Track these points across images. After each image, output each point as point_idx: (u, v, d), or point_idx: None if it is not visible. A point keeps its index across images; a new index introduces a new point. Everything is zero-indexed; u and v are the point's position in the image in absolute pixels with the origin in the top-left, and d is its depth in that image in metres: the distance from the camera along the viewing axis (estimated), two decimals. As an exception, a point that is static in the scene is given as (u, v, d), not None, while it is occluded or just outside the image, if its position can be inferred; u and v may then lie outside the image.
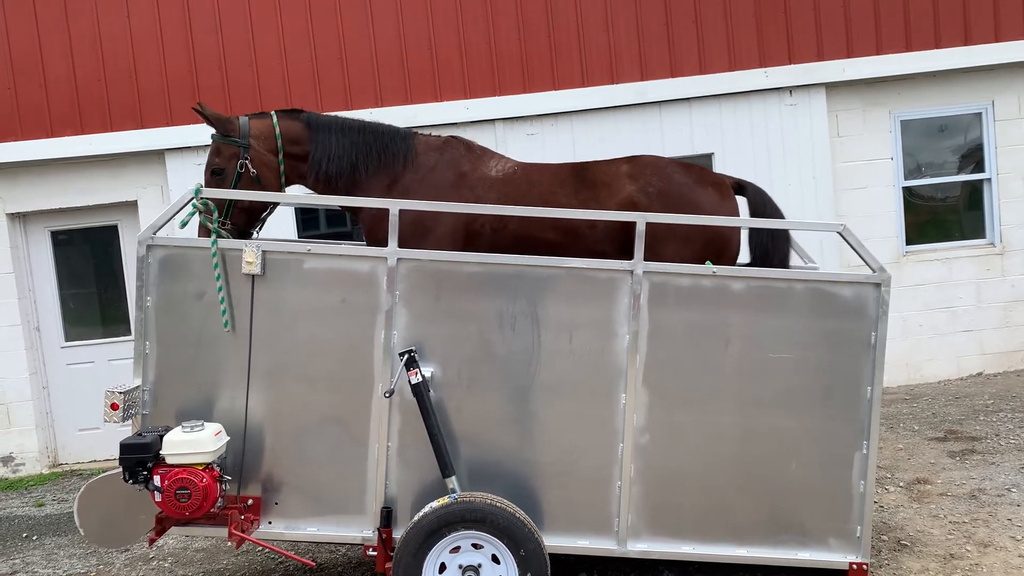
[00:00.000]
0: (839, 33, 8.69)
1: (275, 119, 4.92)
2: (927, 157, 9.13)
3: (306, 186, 5.14)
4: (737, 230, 5.01)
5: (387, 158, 4.99)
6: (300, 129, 4.96)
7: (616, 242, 4.83)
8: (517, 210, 4.56)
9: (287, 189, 5.09)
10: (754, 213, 5.13)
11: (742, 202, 5.19)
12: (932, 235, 9.18)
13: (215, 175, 4.81)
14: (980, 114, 8.99)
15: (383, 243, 4.43)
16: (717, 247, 4.84)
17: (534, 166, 5.17)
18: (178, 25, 8.53)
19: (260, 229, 5.02)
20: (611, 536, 4.34)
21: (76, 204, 8.68)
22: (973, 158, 9.13)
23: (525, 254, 4.54)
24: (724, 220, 4.83)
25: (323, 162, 4.93)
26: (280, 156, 4.88)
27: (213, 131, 4.84)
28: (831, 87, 8.73)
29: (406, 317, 4.33)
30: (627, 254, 4.68)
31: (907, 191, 9.06)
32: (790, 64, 8.65)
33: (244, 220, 4.84)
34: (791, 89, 8.66)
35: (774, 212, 5.14)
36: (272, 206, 5.01)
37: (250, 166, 4.78)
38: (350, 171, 4.96)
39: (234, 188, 4.77)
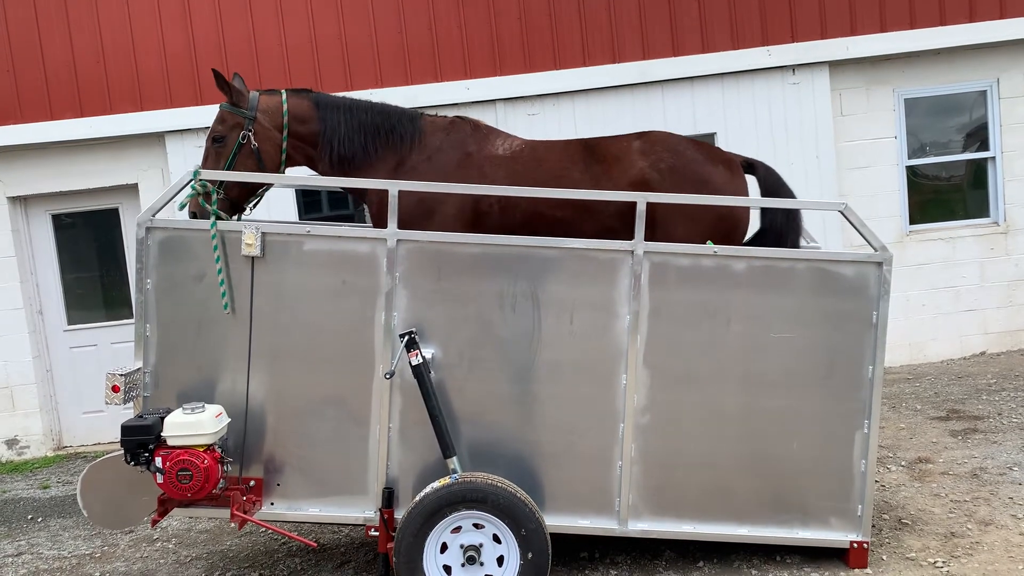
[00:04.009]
0: (842, 10, 8.60)
1: (284, 97, 4.88)
2: (931, 136, 9.07)
3: (315, 170, 5.08)
4: (747, 210, 4.97)
5: (395, 139, 4.95)
6: (308, 108, 4.90)
7: (627, 217, 4.75)
8: (517, 190, 4.53)
9: (288, 171, 5.05)
10: (766, 193, 5.09)
11: (752, 181, 5.15)
12: (936, 214, 9.13)
13: (216, 143, 4.76)
14: (985, 92, 8.92)
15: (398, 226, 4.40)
16: (727, 226, 4.80)
17: (541, 143, 5.10)
18: (177, 6, 8.48)
19: (256, 204, 4.96)
20: (612, 516, 4.36)
21: (77, 187, 8.67)
22: (978, 136, 9.06)
23: (536, 233, 4.52)
24: (730, 199, 4.80)
25: (334, 142, 4.87)
26: (284, 134, 4.84)
27: (224, 102, 4.81)
28: (834, 65, 8.66)
29: (406, 298, 4.32)
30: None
31: (911, 170, 9.01)
32: (793, 42, 8.58)
33: (237, 192, 4.75)
34: (794, 67, 8.60)
35: (788, 193, 5.09)
36: (267, 185, 4.96)
37: (252, 139, 4.73)
38: (362, 153, 4.91)
39: (233, 159, 4.73)
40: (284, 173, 4.99)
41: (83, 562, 5.52)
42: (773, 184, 5.09)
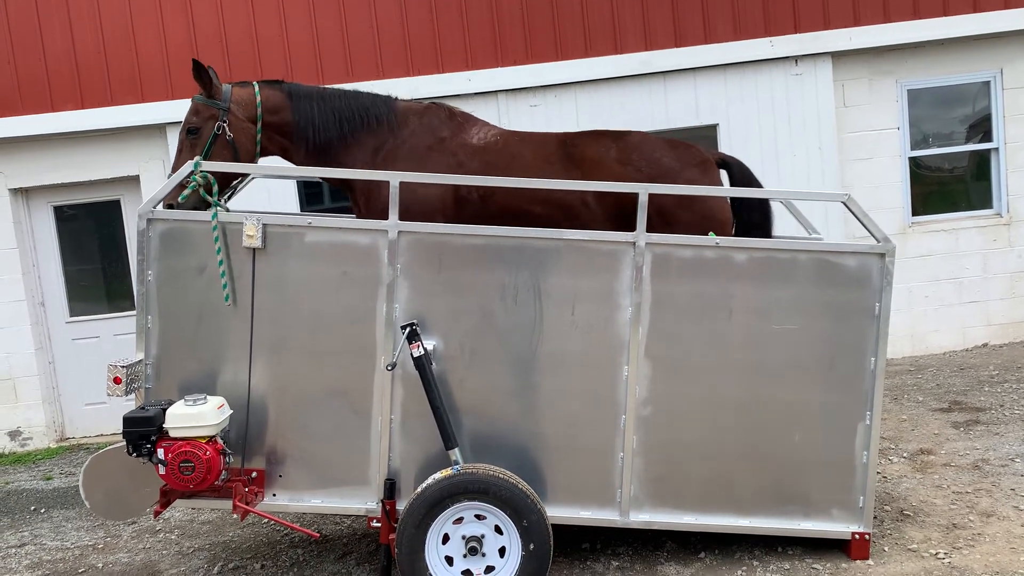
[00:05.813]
0: (845, 1, 8.55)
1: (257, 88, 4.92)
2: (934, 127, 9.03)
3: (291, 160, 5.09)
4: (731, 214, 4.96)
5: (370, 122, 4.97)
6: (281, 98, 4.93)
7: (608, 218, 4.78)
8: (512, 182, 4.49)
9: (262, 161, 5.06)
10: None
11: (726, 178, 5.15)
12: (939, 206, 9.10)
13: (190, 134, 4.79)
14: (988, 83, 8.88)
15: (376, 215, 4.39)
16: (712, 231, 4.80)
17: (516, 136, 5.10)
18: (177, -3, 8.47)
19: (230, 198, 4.95)
20: (613, 507, 4.36)
21: (78, 179, 8.67)
22: (981, 128, 9.02)
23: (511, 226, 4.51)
24: (726, 191, 4.80)
25: (309, 131, 4.90)
26: (258, 125, 4.87)
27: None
28: (837, 56, 8.62)
29: (407, 290, 4.31)
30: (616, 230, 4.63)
31: (914, 161, 8.97)
32: (796, 33, 8.53)
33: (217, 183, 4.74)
34: (797, 58, 8.56)
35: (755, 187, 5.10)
36: (242, 178, 4.95)
37: (227, 129, 4.76)
38: (338, 139, 4.93)
39: (208, 150, 4.75)
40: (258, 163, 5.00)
41: (86, 553, 5.54)
42: (745, 181, 5.08)
